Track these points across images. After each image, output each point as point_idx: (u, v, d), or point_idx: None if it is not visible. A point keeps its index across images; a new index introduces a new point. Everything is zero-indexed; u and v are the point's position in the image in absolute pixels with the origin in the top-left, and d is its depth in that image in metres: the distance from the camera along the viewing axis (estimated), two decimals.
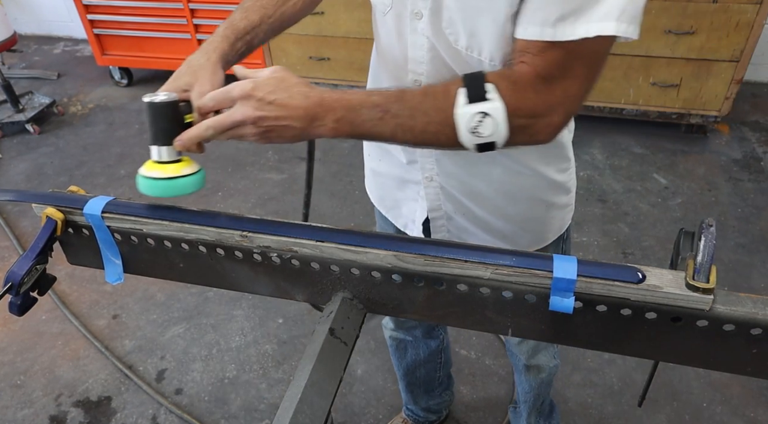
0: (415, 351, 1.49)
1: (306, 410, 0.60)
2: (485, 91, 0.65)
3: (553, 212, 1.01)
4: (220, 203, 2.74)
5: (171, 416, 1.81)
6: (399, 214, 1.08)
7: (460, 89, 0.66)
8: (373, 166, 1.10)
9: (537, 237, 1.03)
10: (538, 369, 1.34)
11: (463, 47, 0.76)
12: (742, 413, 1.74)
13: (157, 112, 0.71)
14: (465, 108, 0.66)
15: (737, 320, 0.61)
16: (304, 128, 0.68)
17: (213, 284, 0.82)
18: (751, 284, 2.15)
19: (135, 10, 3.42)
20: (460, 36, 0.75)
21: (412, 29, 0.79)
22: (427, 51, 0.80)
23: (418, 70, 0.82)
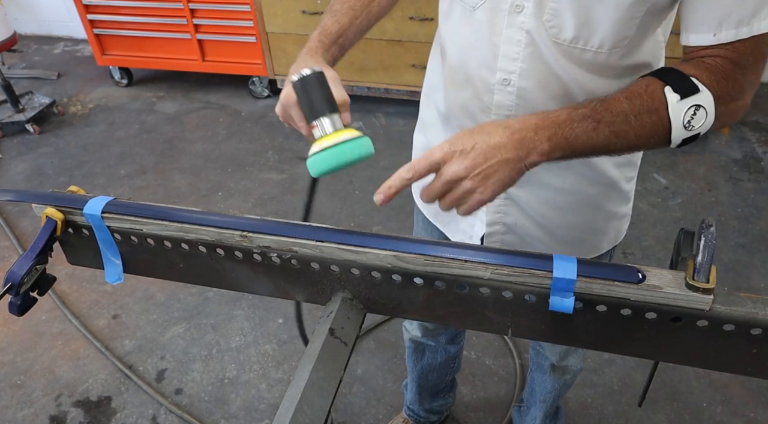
0: (433, 356, 1.48)
1: (306, 410, 0.60)
2: (694, 84, 0.67)
3: (613, 222, 1.00)
4: (220, 203, 2.74)
5: (171, 416, 1.81)
6: (456, 229, 1.04)
7: (665, 88, 0.67)
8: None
9: (590, 247, 1.01)
10: (564, 370, 1.32)
11: (567, 40, 0.75)
12: (742, 413, 1.74)
13: (315, 82, 0.68)
14: (679, 104, 0.67)
15: (737, 320, 0.61)
16: (520, 158, 0.66)
17: (213, 284, 0.82)
18: (751, 284, 2.15)
19: (135, 10, 3.41)
20: (564, 28, 0.74)
21: (509, 23, 0.76)
22: (525, 46, 0.77)
23: (510, 67, 0.79)
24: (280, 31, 3.19)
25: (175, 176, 2.94)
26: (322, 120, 0.69)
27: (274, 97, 3.59)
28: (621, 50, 0.76)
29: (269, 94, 3.58)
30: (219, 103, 3.60)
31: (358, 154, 0.67)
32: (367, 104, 3.35)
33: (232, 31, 3.33)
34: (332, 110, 0.69)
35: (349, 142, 0.67)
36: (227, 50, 3.44)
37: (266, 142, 3.18)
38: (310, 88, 0.68)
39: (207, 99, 3.65)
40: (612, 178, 0.92)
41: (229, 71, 3.51)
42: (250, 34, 3.29)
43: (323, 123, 0.69)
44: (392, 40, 2.99)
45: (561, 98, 0.80)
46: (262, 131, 3.29)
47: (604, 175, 0.91)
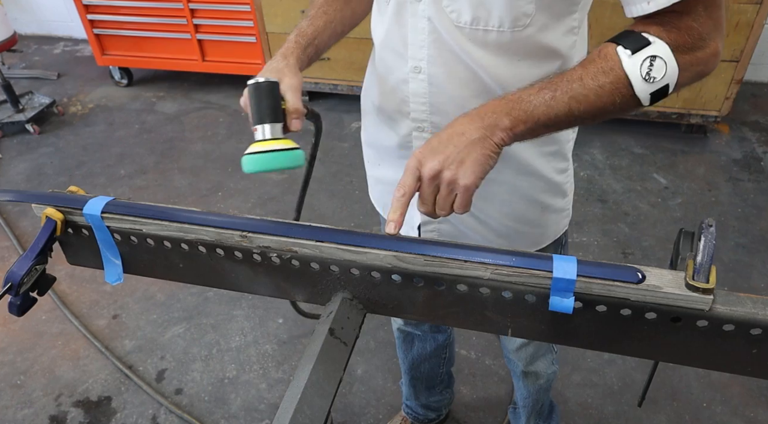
0: (422, 345, 1.50)
1: (306, 410, 0.60)
2: (643, 38, 0.67)
3: (549, 215, 1.01)
4: (220, 203, 2.74)
5: (171, 416, 1.81)
6: None
7: (617, 47, 0.68)
8: (373, 173, 1.10)
9: (530, 241, 1.02)
10: (536, 376, 1.34)
11: (467, 22, 0.77)
12: (742, 413, 1.74)
13: (265, 91, 0.75)
14: (632, 58, 0.67)
15: (737, 320, 0.61)
16: (486, 136, 0.68)
17: (213, 284, 0.82)
18: (751, 284, 2.15)
19: (135, 10, 3.42)
20: (463, 11, 0.77)
21: (412, 12, 0.81)
22: (428, 34, 0.81)
23: (418, 55, 0.83)
24: (280, 31, 3.19)
25: (175, 176, 2.94)
26: (263, 126, 0.75)
27: None
28: (524, 30, 0.77)
29: None
30: (219, 103, 3.60)
31: (285, 164, 0.74)
32: None
33: (232, 31, 3.33)
34: (274, 120, 0.75)
35: (278, 153, 0.74)
36: (227, 50, 3.44)
37: None
38: (259, 95, 0.75)
39: (207, 99, 3.65)
40: (538, 169, 0.93)
41: (229, 71, 3.51)
42: (250, 34, 3.29)
43: (263, 129, 0.75)
44: None
45: (471, 84, 0.83)
46: None
47: (531, 165, 0.92)
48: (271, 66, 0.81)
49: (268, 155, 0.73)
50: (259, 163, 0.73)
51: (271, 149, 0.73)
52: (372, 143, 1.05)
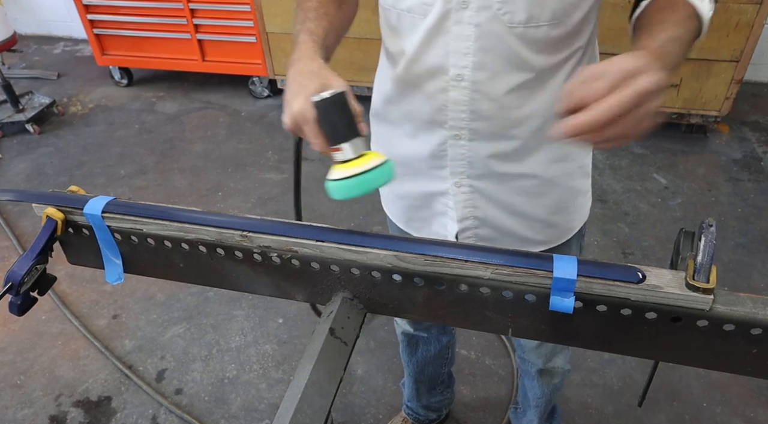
0: (426, 347, 1.49)
1: (306, 410, 0.60)
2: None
3: (578, 199, 1.01)
4: (220, 203, 2.74)
5: (171, 416, 1.81)
6: (429, 232, 1.05)
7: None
8: (394, 188, 1.07)
9: (563, 229, 1.03)
10: (551, 374, 1.33)
11: (522, 22, 0.77)
12: (742, 413, 1.74)
13: (339, 105, 0.66)
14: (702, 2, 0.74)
15: (737, 320, 0.61)
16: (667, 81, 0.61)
17: (213, 284, 0.82)
18: (751, 284, 2.15)
19: (135, 10, 3.42)
20: (517, 12, 0.76)
21: (456, 21, 0.79)
22: (474, 41, 0.79)
23: (461, 63, 0.82)
24: (280, 31, 3.19)
25: (175, 176, 2.94)
26: (344, 146, 0.67)
27: (274, 97, 3.59)
28: (570, 18, 0.79)
29: (269, 94, 3.58)
30: (219, 103, 3.60)
31: (382, 181, 0.67)
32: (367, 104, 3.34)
33: (232, 31, 3.33)
34: (355, 134, 0.67)
35: (374, 171, 0.66)
36: (227, 50, 3.44)
37: (266, 142, 3.18)
38: (333, 111, 0.66)
39: (207, 99, 3.65)
40: (572, 152, 0.94)
41: (229, 71, 3.51)
42: (250, 34, 3.29)
43: (346, 149, 0.67)
44: None
45: (513, 85, 0.83)
46: (262, 131, 3.29)
47: (563, 150, 0.93)
48: (303, 69, 0.73)
49: (363, 177, 0.66)
50: (354, 188, 0.66)
51: (364, 170, 0.66)
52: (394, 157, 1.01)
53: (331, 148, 0.68)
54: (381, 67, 1.00)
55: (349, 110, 0.67)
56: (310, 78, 0.71)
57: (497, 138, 0.89)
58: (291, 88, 0.71)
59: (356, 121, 0.67)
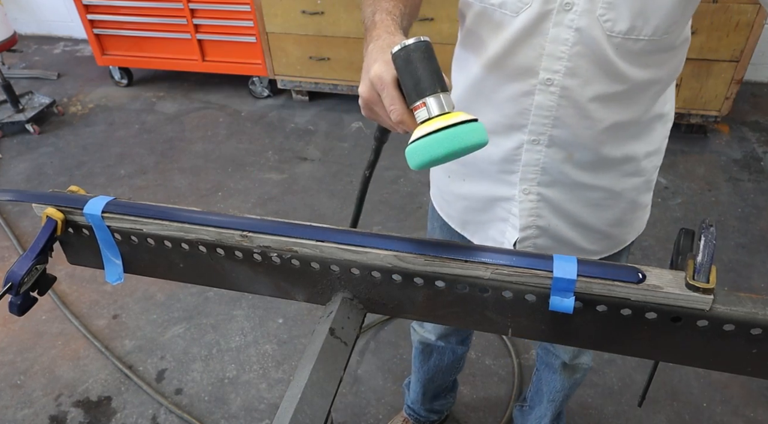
0: (440, 357, 1.48)
1: (306, 410, 0.60)
2: None
3: (638, 213, 1.00)
4: (220, 203, 2.74)
5: (171, 416, 1.81)
6: (486, 237, 1.03)
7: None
8: (454, 188, 1.03)
9: (617, 241, 1.01)
10: (574, 369, 1.31)
11: (622, 32, 0.75)
12: (742, 413, 1.74)
13: (424, 53, 0.57)
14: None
15: (737, 320, 0.61)
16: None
17: (213, 284, 0.82)
18: (751, 284, 2.15)
19: (135, 10, 3.42)
20: (620, 20, 0.74)
21: (557, 22, 0.76)
22: (572, 45, 0.77)
23: (554, 67, 0.79)
24: (280, 31, 3.19)
25: (175, 176, 2.95)
26: (430, 99, 0.57)
27: (274, 97, 3.59)
28: (670, 36, 0.77)
29: (269, 94, 3.58)
30: (219, 103, 3.60)
31: (471, 140, 0.55)
32: None
33: (232, 31, 3.33)
34: (443, 88, 0.57)
35: (463, 126, 0.55)
36: (227, 50, 3.44)
37: (266, 142, 3.18)
38: (417, 59, 0.56)
39: (207, 99, 3.65)
40: (643, 168, 0.92)
41: (229, 71, 3.51)
42: (250, 34, 3.29)
43: (430, 104, 0.57)
44: None
45: (601, 94, 0.80)
46: (262, 131, 3.29)
47: (638, 165, 0.91)
48: (383, 44, 0.66)
49: (449, 132, 0.54)
50: (440, 145, 0.54)
51: (452, 123, 0.55)
52: None
53: (413, 107, 0.59)
54: (456, 64, 0.95)
55: (435, 60, 0.58)
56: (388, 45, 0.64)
57: (576, 147, 0.86)
58: (369, 59, 0.65)
59: (443, 76, 0.59)
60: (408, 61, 0.57)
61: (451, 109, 0.57)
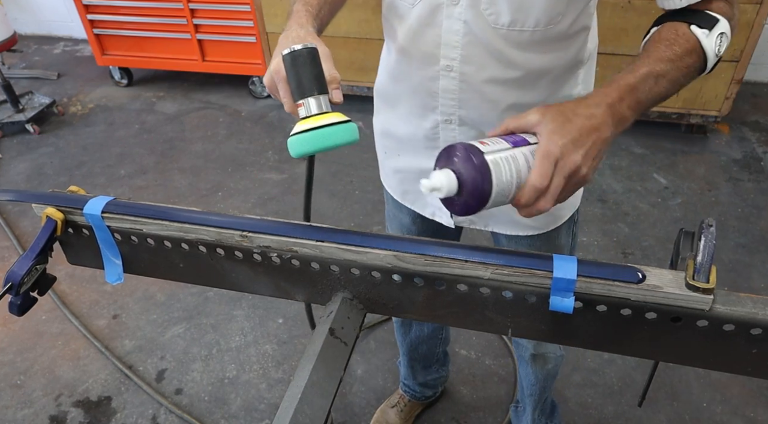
0: (420, 328, 1.52)
1: (306, 410, 0.60)
2: (712, 16, 0.74)
3: None
4: (220, 203, 2.74)
5: (171, 416, 1.81)
6: (425, 203, 1.11)
7: (691, 26, 0.74)
8: (391, 163, 1.12)
9: (555, 215, 1.06)
10: (544, 359, 1.34)
11: (505, 25, 0.80)
12: (742, 413, 1.74)
13: (306, 59, 0.65)
14: (709, 37, 0.74)
15: (737, 320, 0.61)
16: (615, 133, 0.70)
17: (213, 284, 0.82)
18: (751, 284, 2.15)
19: (135, 10, 3.42)
20: (502, 14, 0.79)
21: (447, 15, 0.82)
22: (463, 35, 0.83)
23: (451, 55, 0.85)
24: (280, 31, 3.15)
25: (175, 176, 2.94)
26: (309, 100, 0.66)
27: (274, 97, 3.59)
28: (557, 26, 0.81)
29: (269, 94, 3.58)
30: (219, 103, 3.60)
31: (340, 139, 0.65)
32: (366, 104, 3.34)
33: (232, 31, 3.33)
34: (321, 91, 0.67)
35: (333, 127, 0.65)
36: (227, 50, 3.44)
37: (266, 142, 3.18)
38: (300, 64, 0.66)
39: (207, 99, 3.65)
40: None
41: (229, 71, 3.51)
42: (250, 34, 3.29)
43: (309, 103, 0.66)
44: None
45: (500, 79, 0.86)
46: (262, 131, 3.29)
47: None
48: (291, 35, 0.75)
49: (321, 132, 0.64)
50: (310, 142, 0.64)
51: (323, 124, 0.64)
52: (392, 135, 1.07)
53: (297, 104, 0.68)
54: (384, 50, 1.03)
55: (317, 66, 0.66)
56: (295, 41, 0.71)
57: (485, 125, 0.92)
58: (278, 46, 0.73)
59: (324, 79, 0.67)
60: (293, 64, 0.66)
61: (327, 110, 0.67)
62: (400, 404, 1.74)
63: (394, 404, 1.75)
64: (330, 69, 0.69)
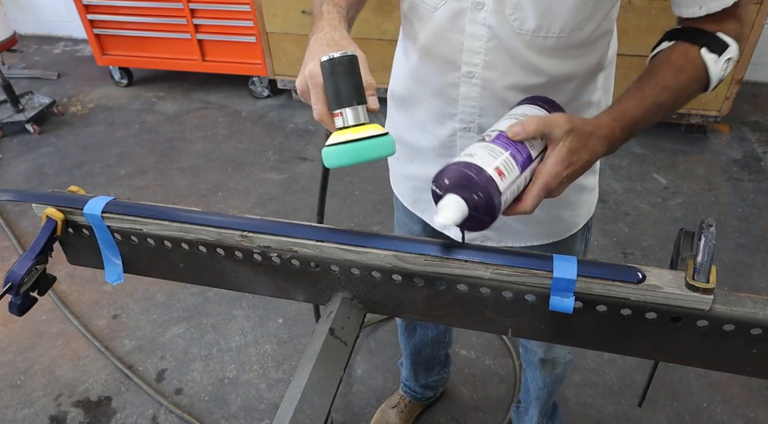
0: (424, 332, 1.52)
1: (306, 410, 0.60)
2: (724, 41, 0.75)
3: (585, 196, 1.03)
4: (220, 203, 2.74)
5: (171, 416, 1.81)
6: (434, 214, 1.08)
7: (701, 51, 0.75)
8: (403, 169, 1.10)
9: (569, 224, 1.05)
10: (553, 364, 1.33)
11: (530, 30, 0.79)
12: (742, 413, 1.74)
13: (347, 68, 0.63)
14: (717, 63, 0.75)
15: (737, 320, 0.61)
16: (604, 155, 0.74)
17: (213, 284, 0.82)
18: (751, 284, 2.15)
19: (135, 10, 3.42)
20: (527, 20, 0.78)
21: (471, 20, 0.80)
22: (487, 41, 0.81)
23: (473, 61, 0.83)
24: (280, 31, 3.19)
25: (175, 176, 2.94)
26: (347, 110, 0.64)
27: (274, 97, 3.59)
28: (581, 32, 0.80)
29: (269, 94, 3.58)
30: (219, 103, 3.60)
31: (378, 153, 0.64)
32: None
33: (232, 31, 3.33)
34: (359, 101, 0.64)
35: (371, 140, 0.63)
36: (227, 50, 3.44)
37: (266, 142, 3.18)
38: (339, 72, 0.63)
39: (207, 99, 3.65)
40: None
41: (229, 71, 3.51)
42: (250, 34, 3.29)
43: (347, 114, 0.64)
44: (392, 40, 2.98)
45: (522, 85, 0.85)
46: (262, 131, 3.29)
47: None
48: (325, 38, 0.71)
49: (359, 144, 0.63)
50: (347, 155, 0.63)
51: (361, 137, 0.63)
52: (405, 141, 1.04)
53: (333, 113, 0.66)
54: (399, 51, 1.01)
55: (357, 75, 0.64)
56: (330, 45, 0.69)
57: None
58: (310, 52, 0.70)
59: (363, 89, 0.65)
60: (332, 72, 0.64)
61: (365, 121, 0.65)
62: (401, 404, 1.74)
63: (394, 404, 1.75)
64: (366, 75, 0.67)
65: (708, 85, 0.77)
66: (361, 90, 0.65)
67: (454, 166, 0.64)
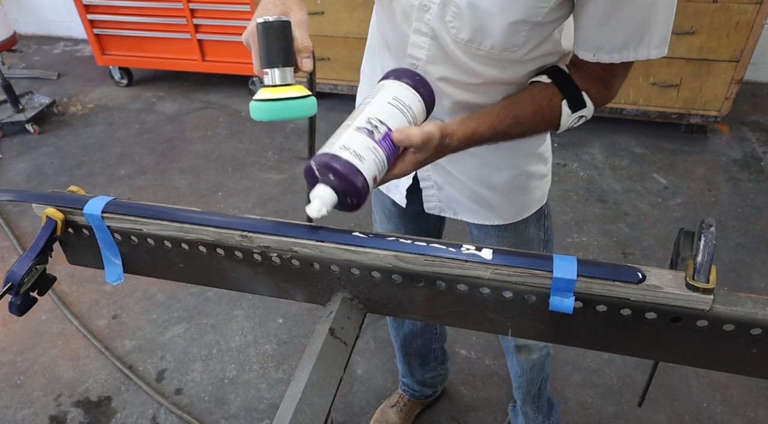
0: (412, 322, 1.52)
1: (306, 410, 0.60)
2: (584, 100, 0.84)
3: (534, 182, 1.07)
4: (220, 203, 2.74)
5: (171, 416, 1.81)
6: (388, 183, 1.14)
7: (563, 102, 0.84)
8: None
9: (520, 207, 1.10)
10: (528, 350, 1.34)
11: (464, 40, 0.83)
12: (742, 413, 1.74)
13: (277, 31, 0.69)
14: (570, 117, 0.85)
15: (737, 320, 0.61)
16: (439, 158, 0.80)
17: (213, 284, 0.82)
18: (751, 284, 2.15)
19: (135, 10, 3.42)
20: (463, 30, 0.82)
21: (418, 18, 0.85)
22: (429, 39, 0.86)
23: (417, 54, 0.88)
24: None
25: (175, 176, 2.95)
26: (274, 71, 0.70)
27: None
28: (513, 53, 0.84)
29: None
30: (219, 103, 3.60)
31: (296, 113, 0.70)
32: None
33: (232, 31, 3.33)
34: (286, 63, 0.70)
35: (291, 101, 0.69)
36: (227, 50, 3.44)
37: (266, 142, 3.18)
38: (270, 35, 0.69)
39: (207, 99, 3.65)
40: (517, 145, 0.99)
41: (229, 71, 3.51)
42: None
43: (273, 73, 0.70)
44: None
45: (459, 82, 0.90)
46: (262, 131, 3.29)
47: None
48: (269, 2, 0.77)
49: (279, 103, 0.69)
50: (270, 111, 0.70)
51: (283, 97, 0.69)
52: None
53: (263, 71, 0.71)
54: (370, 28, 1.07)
55: (287, 39, 0.70)
56: (275, 5, 0.75)
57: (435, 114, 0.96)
58: (258, 10, 0.76)
59: (293, 52, 0.71)
60: (265, 34, 0.69)
61: (291, 82, 0.71)
62: (400, 403, 1.75)
63: (393, 403, 1.75)
64: (303, 38, 0.72)
65: (558, 129, 0.87)
66: (289, 53, 0.70)
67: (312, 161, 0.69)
